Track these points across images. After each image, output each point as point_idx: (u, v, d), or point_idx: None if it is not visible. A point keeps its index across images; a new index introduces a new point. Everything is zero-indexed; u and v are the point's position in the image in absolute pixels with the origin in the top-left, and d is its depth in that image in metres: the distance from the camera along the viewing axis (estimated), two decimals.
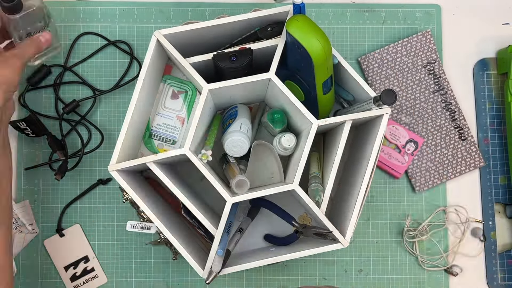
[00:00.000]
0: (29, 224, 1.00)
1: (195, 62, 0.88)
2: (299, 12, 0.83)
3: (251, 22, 0.88)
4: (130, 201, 0.97)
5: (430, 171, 1.04)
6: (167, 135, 0.98)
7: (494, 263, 1.04)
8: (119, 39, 1.04)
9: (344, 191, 0.96)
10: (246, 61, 0.87)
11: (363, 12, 1.07)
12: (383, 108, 0.87)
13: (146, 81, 0.88)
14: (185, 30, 0.86)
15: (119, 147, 0.85)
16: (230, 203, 0.85)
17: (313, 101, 0.91)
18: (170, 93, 0.99)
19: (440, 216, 1.04)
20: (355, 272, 1.04)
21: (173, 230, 0.87)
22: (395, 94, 0.82)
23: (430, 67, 1.05)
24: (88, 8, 1.05)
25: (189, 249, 0.87)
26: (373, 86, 1.05)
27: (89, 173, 1.03)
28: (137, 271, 1.02)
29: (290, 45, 0.84)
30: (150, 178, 1.00)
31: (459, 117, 1.05)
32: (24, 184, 1.02)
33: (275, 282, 1.03)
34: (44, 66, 1.02)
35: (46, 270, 1.01)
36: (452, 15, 1.08)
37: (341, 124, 0.89)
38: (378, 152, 0.88)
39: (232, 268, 0.85)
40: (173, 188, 0.85)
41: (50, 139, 0.97)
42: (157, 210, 0.89)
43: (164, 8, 1.06)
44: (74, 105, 1.01)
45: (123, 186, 0.84)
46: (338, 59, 0.88)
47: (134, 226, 0.95)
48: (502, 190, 1.05)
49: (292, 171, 0.89)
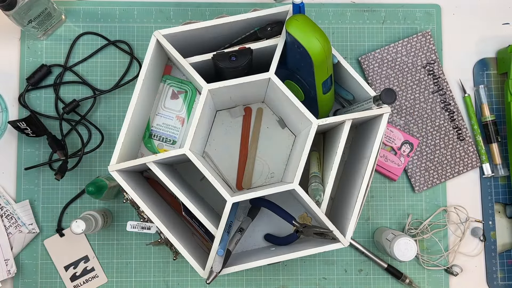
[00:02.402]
0: (29, 224, 1.00)
1: (194, 62, 0.88)
2: (299, 11, 0.83)
3: (250, 22, 0.88)
4: (130, 201, 0.97)
5: (430, 171, 1.04)
6: (167, 135, 0.98)
7: (494, 263, 1.04)
8: (119, 39, 1.04)
9: (344, 190, 0.96)
10: (245, 61, 0.87)
11: (363, 12, 1.07)
12: (383, 107, 0.87)
13: (146, 81, 0.88)
14: (185, 30, 0.86)
15: (119, 147, 0.85)
16: (230, 203, 0.85)
17: (313, 101, 0.91)
18: (170, 93, 0.99)
19: (440, 216, 1.05)
20: (355, 272, 1.04)
21: (173, 230, 0.87)
22: (395, 93, 0.82)
23: (429, 67, 1.06)
24: (88, 8, 1.05)
25: (189, 249, 0.87)
26: (373, 86, 1.05)
27: (89, 173, 1.03)
28: (137, 271, 1.02)
29: (290, 45, 0.84)
30: (151, 178, 1.00)
31: (458, 117, 1.05)
32: (24, 184, 1.02)
33: (275, 282, 1.03)
34: (44, 66, 1.02)
35: (46, 270, 1.01)
36: (452, 15, 1.08)
37: (341, 124, 0.89)
38: (378, 151, 0.88)
39: (233, 268, 0.85)
40: (173, 188, 0.85)
41: (50, 139, 0.97)
42: (157, 210, 0.89)
43: (164, 8, 1.06)
44: (74, 105, 1.01)
45: (123, 186, 0.84)
46: (337, 59, 0.88)
47: (134, 226, 0.95)
48: (502, 190, 1.06)
49: (292, 171, 0.89)
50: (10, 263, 0.98)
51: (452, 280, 1.04)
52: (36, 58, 1.04)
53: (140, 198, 0.85)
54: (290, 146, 1.00)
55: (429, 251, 1.04)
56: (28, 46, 1.04)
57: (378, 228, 1.04)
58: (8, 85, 1.03)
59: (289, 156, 1.00)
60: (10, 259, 0.99)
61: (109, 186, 0.92)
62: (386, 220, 1.04)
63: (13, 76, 1.04)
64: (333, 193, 1.00)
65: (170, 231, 0.85)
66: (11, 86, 1.03)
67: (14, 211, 1.00)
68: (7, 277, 0.98)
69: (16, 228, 1.00)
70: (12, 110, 1.03)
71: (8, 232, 0.99)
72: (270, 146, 1.00)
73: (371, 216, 1.04)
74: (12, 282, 1.01)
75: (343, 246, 0.86)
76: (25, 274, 1.01)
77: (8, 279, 1.00)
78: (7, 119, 1.02)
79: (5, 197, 1.00)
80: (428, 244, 1.04)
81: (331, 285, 1.03)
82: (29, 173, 1.02)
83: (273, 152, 1.00)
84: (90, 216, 0.92)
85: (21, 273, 1.01)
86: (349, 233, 0.86)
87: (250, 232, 0.99)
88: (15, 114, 1.03)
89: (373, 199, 1.05)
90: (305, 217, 1.00)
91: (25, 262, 1.01)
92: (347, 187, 0.95)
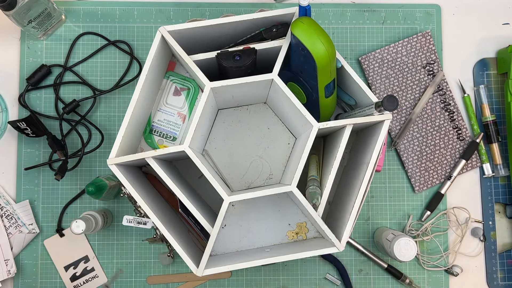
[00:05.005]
0: (29, 224, 1.00)
1: (198, 59, 0.88)
2: (305, 14, 0.83)
3: (256, 22, 0.88)
4: (128, 195, 0.97)
5: (429, 171, 1.04)
6: (168, 131, 0.98)
7: (494, 263, 1.04)
8: (119, 39, 1.04)
9: (342, 195, 0.96)
10: (249, 61, 0.87)
11: (363, 12, 1.07)
12: (384, 113, 0.87)
13: (149, 76, 0.88)
14: (190, 28, 0.86)
15: (119, 140, 0.85)
16: (227, 202, 0.85)
17: (314, 104, 0.91)
18: (172, 90, 0.98)
19: (440, 216, 1.05)
20: (355, 272, 1.04)
21: (169, 227, 0.87)
22: (396, 100, 0.81)
23: (429, 67, 1.06)
24: (88, 8, 1.05)
25: (184, 246, 0.87)
26: (374, 86, 1.05)
27: (89, 173, 1.02)
28: (137, 271, 1.02)
29: (294, 47, 0.84)
30: (149, 174, 1.00)
31: (458, 117, 1.05)
32: (24, 184, 1.02)
33: (275, 282, 1.03)
34: (44, 66, 1.02)
35: (46, 270, 1.01)
36: (452, 15, 1.08)
37: (341, 128, 0.89)
38: (378, 157, 0.88)
39: (227, 267, 0.85)
40: (171, 184, 0.84)
41: (50, 139, 0.97)
42: (154, 206, 0.88)
43: (164, 8, 1.06)
44: (74, 105, 1.01)
45: (121, 180, 0.83)
46: (341, 63, 0.88)
47: (130, 220, 0.95)
48: (502, 190, 1.06)
49: (291, 173, 0.89)
50: (10, 263, 0.98)
51: (452, 280, 1.04)
52: (36, 58, 1.04)
53: (138, 193, 0.84)
54: (290, 148, 1.00)
55: (429, 251, 1.04)
56: (28, 46, 1.04)
57: (378, 228, 1.04)
58: (8, 85, 1.03)
59: (288, 158, 1.00)
60: (10, 259, 0.99)
61: (109, 186, 0.92)
62: (386, 220, 1.04)
63: (13, 76, 1.03)
64: (331, 197, 1.00)
65: (165, 227, 0.85)
66: (11, 86, 1.03)
67: (14, 211, 1.00)
68: (7, 277, 0.98)
69: (16, 228, 0.99)
70: (12, 110, 1.03)
71: (8, 232, 0.99)
72: (270, 147, 1.00)
73: (371, 216, 1.05)
74: (12, 282, 1.01)
75: (338, 251, 0.86)
76: (25, 274, 1.01)
77: (8, 279, 1.00)
78: (7, 119, 1.02)
79: (5, 197, 1.00)
80: (428, 244, 1.04)
81: (331, 285, 1.03)
82: (29, 173, 1.02)
83: (273, 154, 1.00)
84: (90, 216, 0.92)
85: (21, 273, 1.01)
86: (345, 238, 0.86)
87: (247, 233, 0.99)
88: (15, 114, 1.03)
89: (373, 199, 1.05)
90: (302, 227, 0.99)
91: (25, 262, 1.01)
92: (345, 192, 0.95)
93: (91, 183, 0.88)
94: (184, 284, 1.02)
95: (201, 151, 0.98)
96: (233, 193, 0.88)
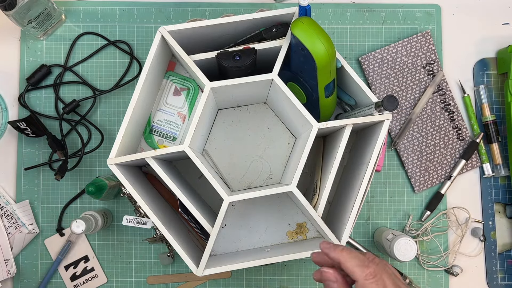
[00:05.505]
0: (29, 224, 1.00)
1: (198, 59, 0.88)
2: (305, 14, 0.83)
3: (256, 22, 0.88)
4: (128, 195, 0.97)
5: (429, 171, 1.04)
6: (168, 131, 0.98)
7: (494, 263, 1.04)
8: (119, 39, 1.04)
9: (342, 194, 0.96)
10: (249, 61, 0.87)
11: (363, 12, 1.07)
12: (384, 113, 0.87)
13: (149, 76, 0.88)
14: (190, 28, 0.86)
15: (119, 140, 0.85)
16: (227, 202, 0.85)
17: (314, 104, 0.91)
18: (172, 90, 0.98)
19: (440, 216, 1.05)
20: None
21: (169, 226, 0.87)
22: (396, 100, 0.81)
23: (429, 67, 1.06)
24: (88, 8, 1.05)
25: (184, 246, 0.87)
26: (373, 86, 1.05)
27: (89, 173, 1.03)
28: (137, 271, 1.02)
29: (294, 47, 0.84)
30: (149, 174, 1.00)
31: (458, 117, 1.05)
32: (24, 184, 1.02)
33: (275, 282, 1.03)
34: (44, 66, 1.02)
35: (46, 270, 1.01)
36: (452, 15, 1.08)
37: (341, 128, 0.89)
38: (378, 157, 0.88)
39: (227, 267, 0.85)
40: (171, 184, 0.84)
41: (50, 139, 0.97)
42: (154, 206, 0.88)
43: (164, 8, 1.06)
44: (74, 105, 1.01)
45: (121, 180, 0.84)
46: (341, 63, 0.88)
47: (130, 220, 0.95)
48: (502, 190, 1.06)
49: (291, 173, 0.89)
50: (10, 263, 0.98)
51: (452, 280, 1.04)
52: (36, 58, 1.04)
53: (138, 193, 0.84)
54: (290, 148, 1.00)
55: (429, 251, 1.04)
56: (28, 46, 1.04)
57: (378, 228, 1.04)
58: (8, 85, 1.03)
59: (288, 158, 1.00)
60: (10, 259, 0.99)
61: (109, 186, 0.92)
62: (386, 220, 1.04)
63: (13, 76, 1.03)
64: (331, 197, 1.00)
65: (165, 227, 0.85)
66: (11, 86, 1.03)
67: (14, 211, 1.00)
68: (7, 277, 0.98)
69: (16, 228, 0.99)
70: (12, 110, 1.03)
71: (8, 232, 0.99)
72: (270, 148, 1.00)
73: (371, 216, 1.04)
74: (12, 282, 1.01)
75: None
76: (25, 274, 1.01)
77: (8, 279, 1.00)
78: (7, 119, 1.02)
79: (5, 197, 1.00)
80: (428, 244, 1.04)
81: None
82: (29, 173, 1.02)
83: (273, 154, 1.00)
84: (90, 216, 0.92)
85: (21, 273, 1.01)
86: (345, 238, 0.86)
87: (247, 233, 0.99)
88: (15, 114, 1.03)
89: (373, 199, 1.05)
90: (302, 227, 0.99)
91: (25, 262, 1.01)
92: (345, 192, 0.95)
93: (91, 183, 0.88)
94: (184, 284, 1.02)
95: (201, 151, 0.98)
96: (233, 193, 0.88)
